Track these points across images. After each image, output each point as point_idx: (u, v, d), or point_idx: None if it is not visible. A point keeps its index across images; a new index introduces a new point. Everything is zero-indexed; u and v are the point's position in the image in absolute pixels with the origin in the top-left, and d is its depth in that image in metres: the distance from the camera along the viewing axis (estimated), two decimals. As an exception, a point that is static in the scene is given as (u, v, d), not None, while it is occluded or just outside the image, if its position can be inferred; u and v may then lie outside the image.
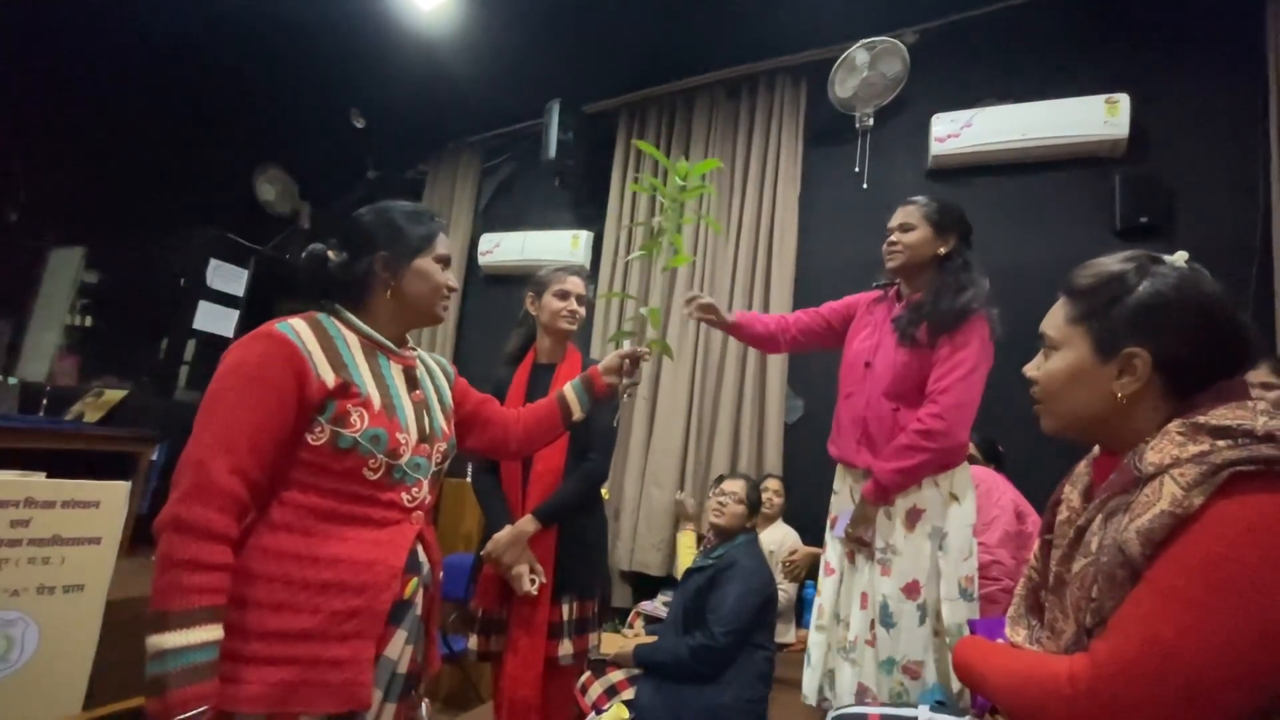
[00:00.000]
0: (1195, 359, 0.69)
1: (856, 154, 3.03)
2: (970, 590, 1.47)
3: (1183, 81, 2.53)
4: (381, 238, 1.03)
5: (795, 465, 2.92)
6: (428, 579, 1.03)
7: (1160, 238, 2.45)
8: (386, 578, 0.93)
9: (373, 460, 0.94)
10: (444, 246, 1.08)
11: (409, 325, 1.08)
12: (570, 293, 1.66)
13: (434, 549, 1.06)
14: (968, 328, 1.50)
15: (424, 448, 1.02)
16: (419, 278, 1.03)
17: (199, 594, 0.79)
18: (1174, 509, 0.56)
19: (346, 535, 0.92)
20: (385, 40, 3.25)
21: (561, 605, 1.54)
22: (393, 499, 0.97)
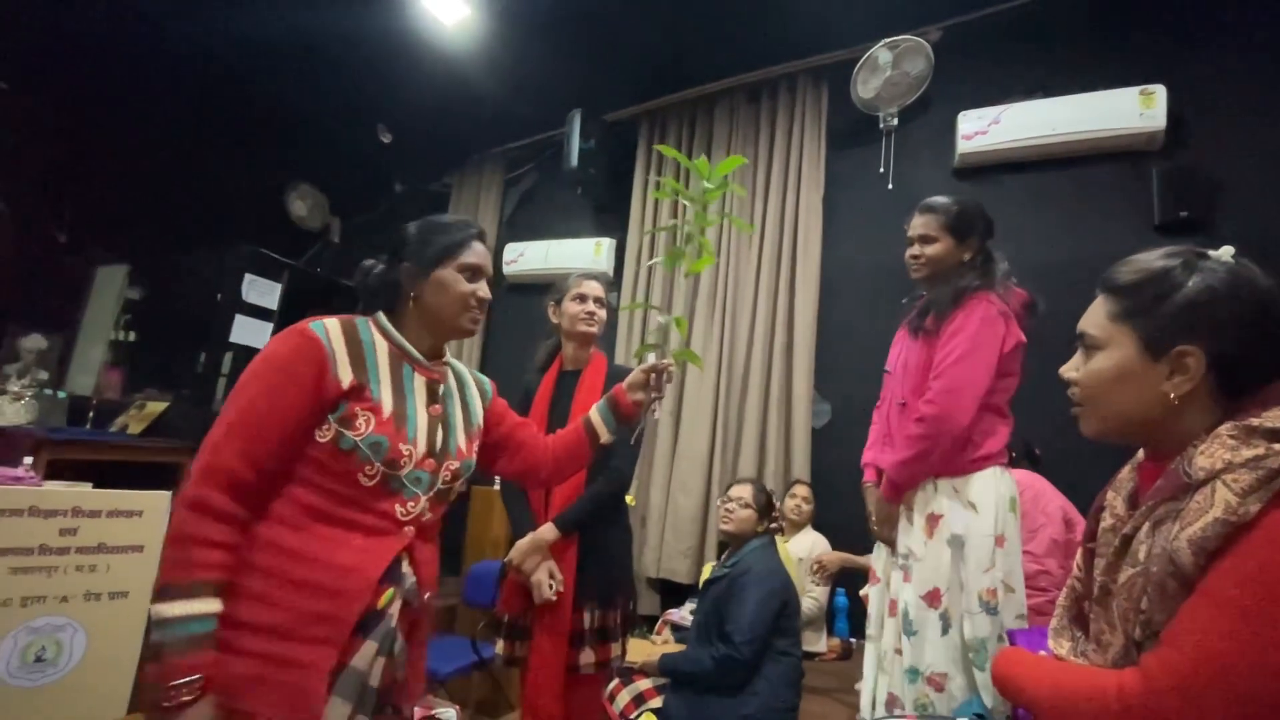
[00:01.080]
0: (1249, 358, 0.66)
1: (881, 154, 3.00)
2: (993, 604, 1.40)
3: (1222, 70, 2.45)
4: (409, 248, 1.03)
5: (823, 470, 2.88)
6: (411, 594, 0.99)
7: (1202, 232, 2.36)
8: (360, 586, 0.90)
9: (369, 467, 0.93)
10: (473, 256, 1.05)
11: (439, 337, 1.07)
12: (587, 295, 1.67)
13: (426, 566, 1.02)
14: (966, 308, 1.46)
15: (430, 463, 1.00)
16: (438, 288, 1.02)
17: (200, 568, 0.82)
18: (1228, 516, 0.54)
19: (333, 537, 0.91)
20: (410, 56, 3.32)
21: (583, 613, 1.53)
22: (386, 509, 0.95)
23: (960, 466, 1.47)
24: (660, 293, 3.41)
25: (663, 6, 2.91)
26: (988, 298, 1.47)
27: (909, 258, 1.61)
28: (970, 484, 1.46)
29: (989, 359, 1.44)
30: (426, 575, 1.02)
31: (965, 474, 1.46)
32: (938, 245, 1.55)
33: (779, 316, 3.04)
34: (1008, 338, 1.46)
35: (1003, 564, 1.42)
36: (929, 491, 1.49)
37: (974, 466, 1.47)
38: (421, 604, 1.02)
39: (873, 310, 2.94)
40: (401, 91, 3.68)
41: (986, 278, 1.50)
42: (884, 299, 2.90)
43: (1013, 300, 1.50)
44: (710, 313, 3.25)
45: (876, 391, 2.85)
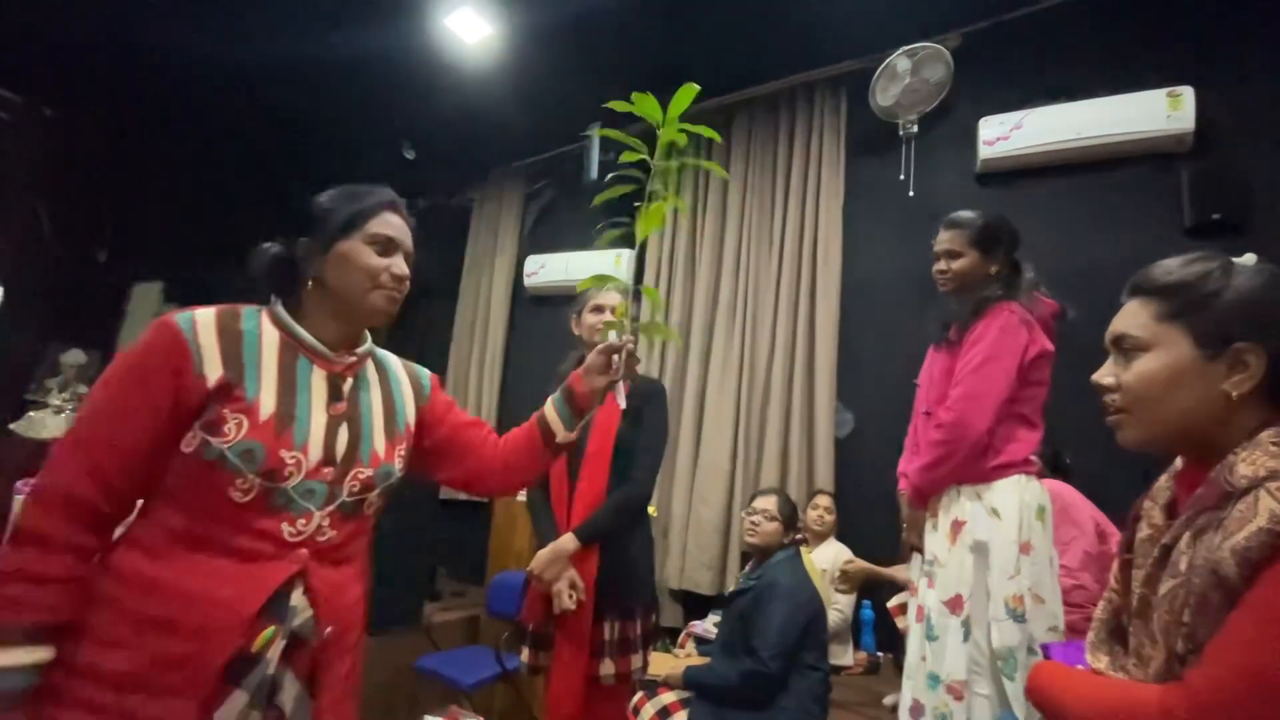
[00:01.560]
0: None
1: (901, 162, 2.98)
2: (1019, 611, 1.37)
3: (1251, 69, 2.40)
4: (307, 223, 0.90)
5: (847, 480, 2.84)
6: (307, 629, 0.83)
7: (1236, 235, 2.30)
8: (228, 623, 0.75)
9: (241, 479, 0.78)
10: (383, 226, 0.90)
11: (349, 322, 0.92)
12: (605, 306, 1.67)
13: (331, 596, 0.85)
14: (987, 318, 1.48)
15: (328, 471, 0.85)
16: (341, 264, 0.88)
17: (27, 609, 0.70)
18: (1273, 526, 0.52)
19: (198, 565, 0.77)
20: (433, 75, 3.39)
21: (604, 625, 1.54)
22: (268, 529, 0.80)
23: (983, 473, 1.47)
24: (681, 304, 3.42)
25: (680, 21, 2.94)
26: (1009, 307, 1.48)
27: (936, 272, 1.64)
28: (993, 491, 1.46)
29: (1008, 366, 1.45)
30: (333, 606, 0.85)
31: (988, 481, 1.47)
32: (964, 259, 1.58)
33: (800, 326, 3.03)
34: (1030, 346, 1.46)
35: (1029, 572, 1.40)
36: (953, 498, 1.50)
37: (997, 474, 1.47)
38: (327, 641, 0.84)
39: (895, 318, 2.92)
40: (425, 109, 3.76)
41: (1010, 288, 1.52)
42: (906, 306, 2.88)
43: (1041, 310, 1.51)
44: (730, 322, 3.24)
45: (900, 400, 2.82)
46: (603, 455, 1.60)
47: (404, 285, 0.92)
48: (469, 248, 4.50)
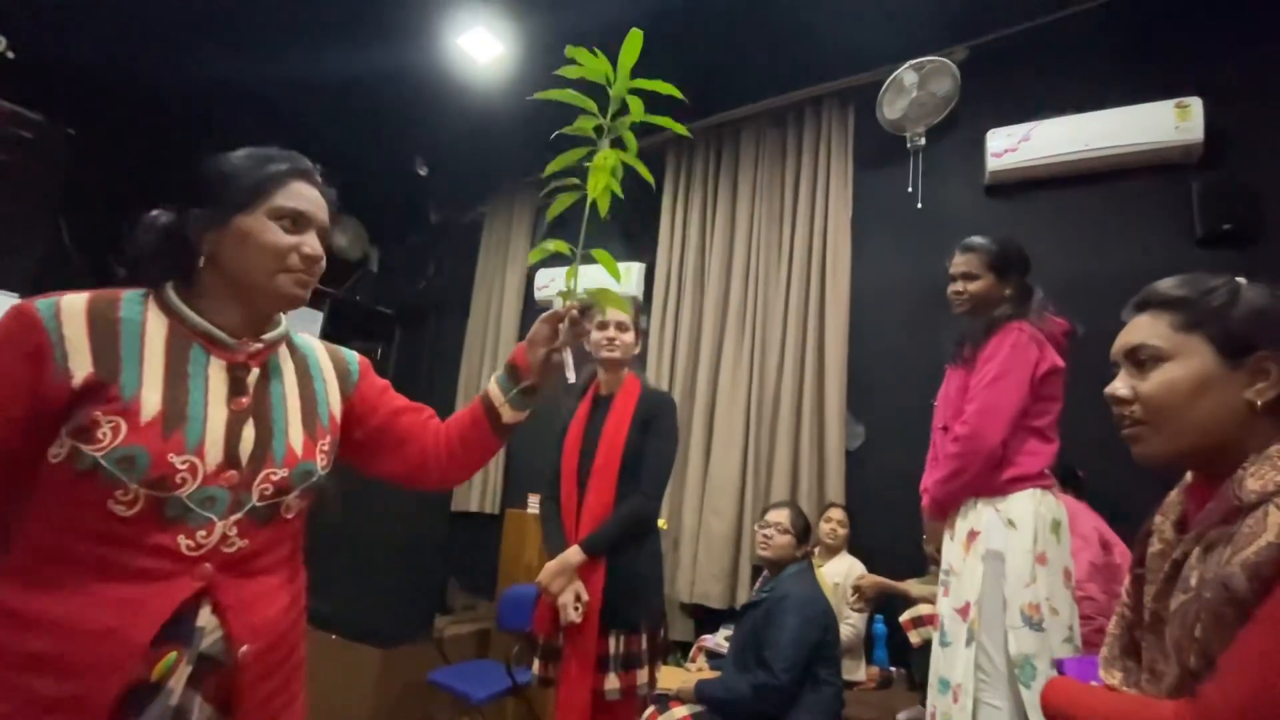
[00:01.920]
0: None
1: (909, 174, 2.99)
2: (1036, 620, 1.41)
3: (1259, 80, 2.39)
4: (201, 191, 0.78)
5: (858, 493, 2.83)
6: (217, 650, 0.73)
7: (1247, 245, 2.29)
8: (116, 655, 0.66)
9: (122, 491, 0.68)
10: (292, 198, 0.79)
11: (251, 306, 0.80)
12: (608, 321, 1.68)
13: (246, 611, 0.75)
14: (999, 337, 1.56)
15: (232, 475, 0.75)
16: (240, 240, 0.76)
17: None
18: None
19: (79, 592, 0.67)
20: (445, 92, 3.45)
21: (609, 639, 1.54)
22: (162, 544, 0.70)
23: (998, 486, 1.53)
24: (690, 316, 3.43)
25: (689, 38, 2.97)
26: (1020, 326, 1.55)
27: (952, 293, 1.72)
28: (1010, 503, 1.51)
29: (1020, 381, 1.51)
30: (249, 622, 0.75)
31: (1004, 494, 1.52)
32: (980, 282, 1.66)
33: (809, 337, 3.03)
34: (1040, 362, 1.53)
35: (1045, 581, 1.44)
36: (969, 509, 1.56)
37: (1012, 486, 1.52)
38: (245, 661, 0.74)
39: (905, 329, 2.92)
40: (437, 125, 3.82)
41: (1021, 308, 1.59)
42: (916, 318, 2.88)
43: (1052, 329, 1.58)
44: (740, 334, 3.25)
45: (910, 412, 2.83)
46: (610, 467, 1.61)
47: (317, 267, 0.81)
48: (480, 262, 4.54)
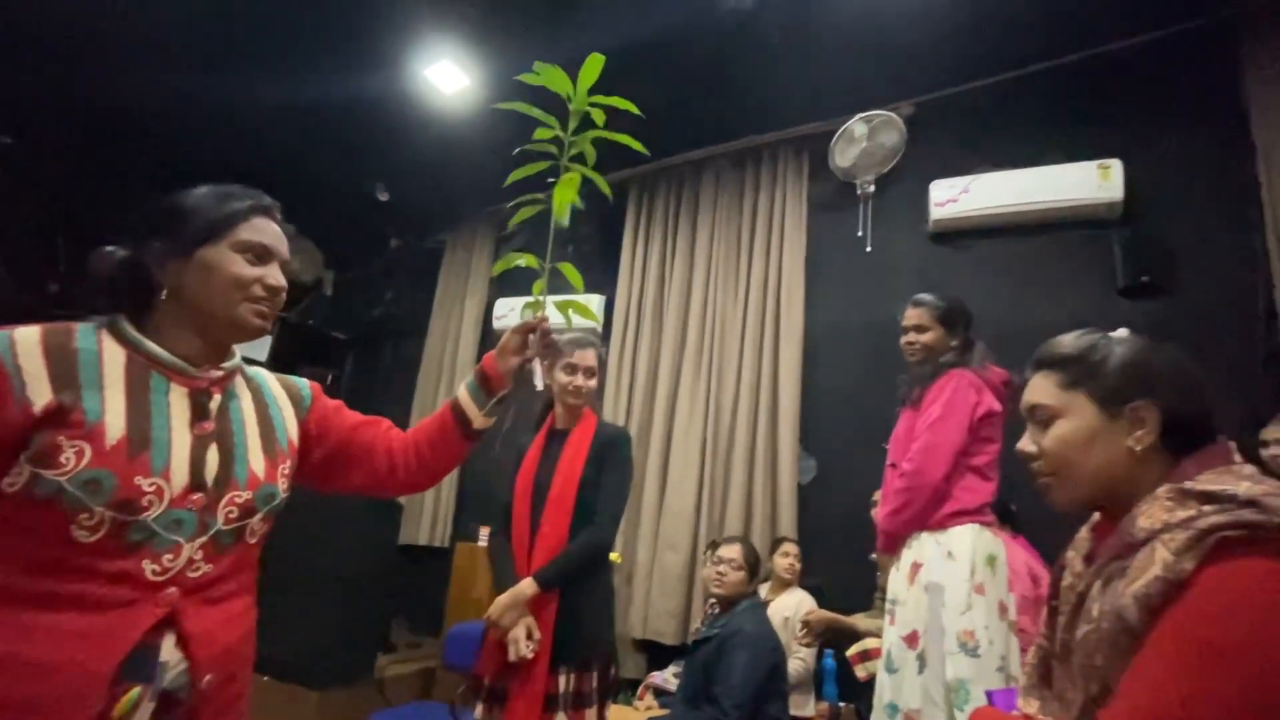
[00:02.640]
0: (1189, 412, 0.72)
1: (859, 219, 3.13)
2: (971, 645, 1.50)
3: (1174, 143, 2.62)
4: (162, 225, 0.80)
5: (809, 526, 2.87)
6: (179, 685, 0.72)
7: (1164, 296, 2.47)
8: (80, 690, 0.64)
9: (86, 515, 0.67)
10: (255, 232, 0.81)
11: (212, 336, 0.81)
12: (578, 367, 1.69)
13: (209, 639, 0.75)
14: (942, 381, 1.70)
15: (197, 498, 0.75)
16: (204, 273, 0.78)
17: None
18: (1166, 574, 0.57)
19: (35, 625, 0.65)
20: (411, 121, 3.47)
21: (558, 676, 1.51)
22: (125, 570, 0.69)
23: (940, 520, 1.64)
24: (649, 349, 3.47)
25: (653, 79, 3.08)
26: (962, 373, 1.70)
27: (905, 344, 1.86)
28: (950, 536, 1.62)
29: (961, 422, 1.64)
30: (213, 651, 0.75)
31: (945, 528, 1.63)
32: (930, 334, 1.81)
33: (764, 374, 3.10)
34: (979, 405, 1.66)
35: (981, 610, 1.53)
36: (914, 542, 1.67)
37: (953, 521, 1.63)
38: (208, 692, 0.74)
39: (855, 367, 3.01)
40: (401, 153, 3.82)
41: (963, 357, 1.75)
42: (866, 356, 2.99)
43: (991, 376, 1.72)
44: (697, 369, 3.30)
45: (860, 448, 2.90)
46: (566, 500, 1.60)
47: (279, 297, 0.83)
48: (439, 288, 4.51)
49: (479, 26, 2.89)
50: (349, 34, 2.94)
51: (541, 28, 2.80)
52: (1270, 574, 0.54)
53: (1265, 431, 2.04)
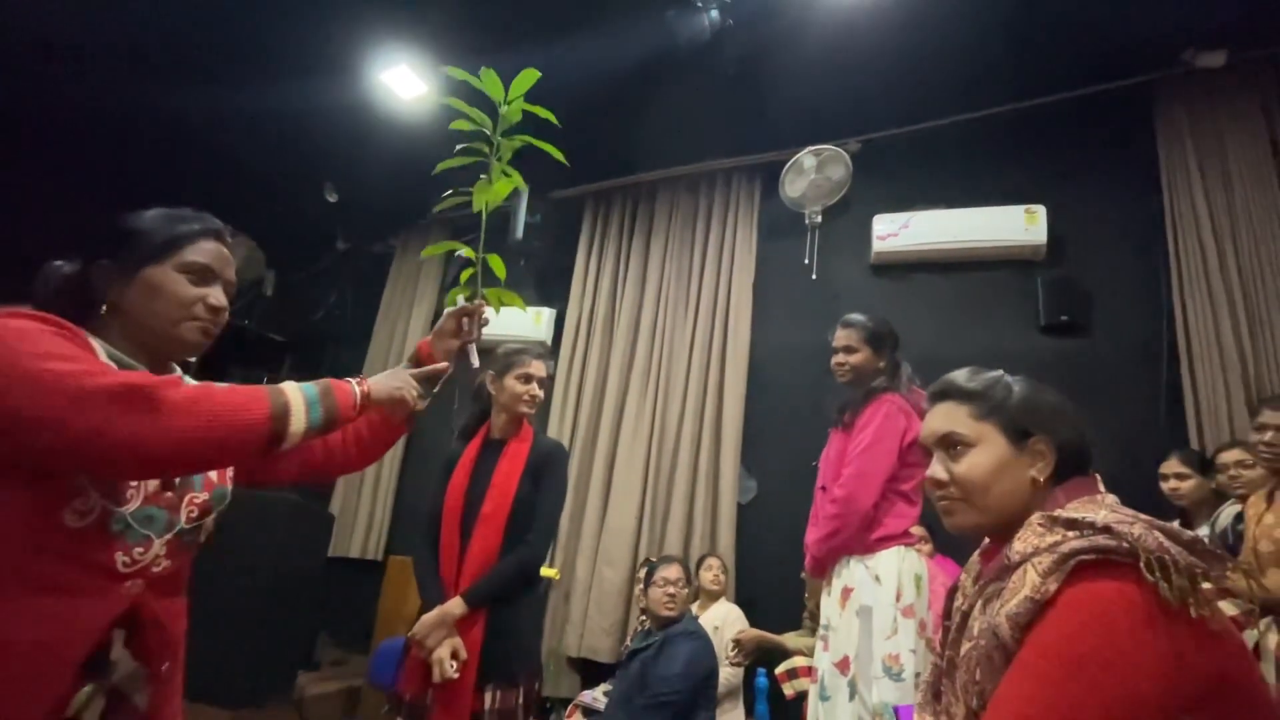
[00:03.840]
0: (1077, 447, 0.78)
1: (806, 247, 3.24)
2: (896, 670, 1.52)
3: (1091, 194, 2.82)
4: (111, 244, 0.82)
5: (748, 545, 2.92)
6: (131, 683, 0.76)
7: (1080, 334, 2.65)
8: (48, 671, 0.67)
9: (81, 500, 0.70)
10: (200, 254, 0.84)
11: (153, 354, 0.83)
12: (534, 377, 1.67)
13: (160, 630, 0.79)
14: (873, 406, 1.72)
15: (169, 496, 0.80)
16: (147, 292, 0.80)
17: None
18: (1034, 594, 0.61)
19: (12, 606, 0.67)
20: (366, 123, 3.41)
21: (485, 693, 1.47)
22: (100, 560, 0.72)
23: (868, 545, 1.66)
24: (597, 365, 3.48)
25: (611, 100, 3.12)
26: (891, 398, 1.72)
27: (835, 364, 1.88)
28: (877, 559, 1.64)
29: (890, 449, 1.67)
30: (170, 638, 0.81)
31: (873, 551, 1.65)
32: (859, 355, 1.82)
33: (709, 394, 3.15)
34: (908, 431, 1.69)
35: (905, 632, 1.55)
36: (843, 567, 1.68)
37: (880, 545, 1.66)
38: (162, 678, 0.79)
39: (797, 390, 3.09)
40: (353, 155, 3.75)
41: (893, 381, 1.78)
42: (807, 380, 3.07)
43: (918, 400, 1.74)
44: (644, 386, 3.33)
45: (800, 470, 2.95)
46: (499, 515, 1.57)
47: (221, 317, 0.86)
48: (386, 295, 4.42)
49: (437, 35, 2.89)
50: (304, 36, 2.89)
51: (502, 43, 2.82)
52: (1116, 593, 0.58)
53: (1164, 466, 2.20)
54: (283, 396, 0.79)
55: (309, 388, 0.84)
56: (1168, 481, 2.11)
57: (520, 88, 1.12)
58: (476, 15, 2.76)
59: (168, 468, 0.75)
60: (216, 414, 0.71)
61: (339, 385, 0.87)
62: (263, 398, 0.77)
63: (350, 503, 3.94)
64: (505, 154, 1.17)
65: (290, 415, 0.78)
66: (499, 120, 1.17)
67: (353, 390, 0.89)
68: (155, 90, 3.17)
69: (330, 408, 0.84)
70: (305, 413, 0.80)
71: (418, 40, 2.92)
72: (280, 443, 0.78)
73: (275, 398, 0.78)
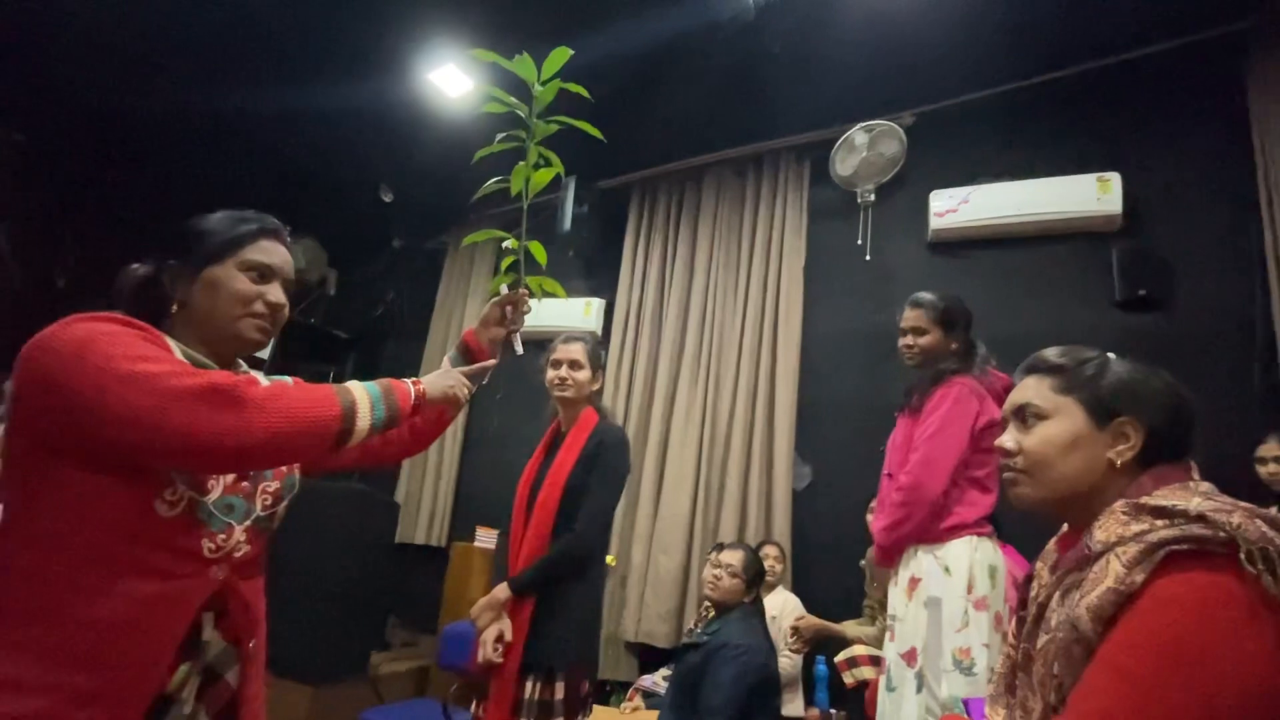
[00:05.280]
0: (1171, 434, 0.73)
1: (859, 228, 3.14)
2: (966, 664, 1.47)
3: (1173, 158, 2.62)
4: (178, 245, 0.86)
5: (803, 532, 2.88)
6: (224, 661, 0.82)
7: (1161, 309, 2.48)
8: (152, 649, 0.72)
9: (171, 490, 0.74)
10: (260, 253, 0.87)
11: (217, 348, 0.86)
12: (561, 360, 1.69)
13: (244, 610, 0.84)
14: (943, 389, 1.64)
15: (245, 486, 0.85)
16: (210, 289, 0.84)
17: None
18: (1118, 586, 0.58)
19: (114, 588, 0.71)
20: (415, 122, 3.50)
21: (526, 682, 1.49)
22: (188, 546, 0.77)
23: (937, 534, 1.59)
24: (647, 354, 3.49)
25: (656, 86, 3.10)
26: (962, 380, 1.64)
27: (903, 346, 1.79)
28: (948, 550, 1.57)
29: (960, 434, 1.59)
30: (253, 618, 0.86)
31: (943, 541, 1.58)
32: (928, 336, 1.74)
33: (761, 380, 3.11)
34: (980, 415, 1.60)
35: (978, 626, 1.49)
36: (910, 558, 1.62)
37: (951, 534, 1.58)
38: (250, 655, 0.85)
39: (852, 375, 3.02)
40: (405, 154, 3.86)
41: (965, 363, 1.68)
42: (863, 364, 3.00)
43: (993, 383, 1.66)
44: (694, 375, 3.32)
45: (855, 455, 2.91)
46: (550, 504, 1.59)
47: (279, 314, 0.88)
48: (440, 290, 4.54)
49: (484, 32, 2.92)
50: (356, 39, 2.98)
51: (547, 34, 2.81)
52: (1214, 586, 0.55)
53: (1261, 449, 2.05)
54: (350, 396, 0.83)
55: (372, 387, 0.88)
56: (1266, 465, 1.96)
57: (552, 67, 1.11)
58: (518, 9, 2.78)
59: (249, 462, 0.80)
60: (293, 412, 0.75)
61: (398, 385, 0.91)
62: (332, 397, 0.81)
63: (414, 492, 4.10)
64: (538, 135, 1.17)
65: (357, 414, 0.83)
66: (533, 102, 1.18)
67: (409, 390, 0.93)
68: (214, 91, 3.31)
69: (391, 406, 0.88)
70: (370, 411, 0.84)
71: (464, 38, 2.96)
72: (347, 439, 0.82)
73: (343, 397, 0.82)
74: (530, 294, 1.18)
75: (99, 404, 0.68)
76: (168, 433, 0.68)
